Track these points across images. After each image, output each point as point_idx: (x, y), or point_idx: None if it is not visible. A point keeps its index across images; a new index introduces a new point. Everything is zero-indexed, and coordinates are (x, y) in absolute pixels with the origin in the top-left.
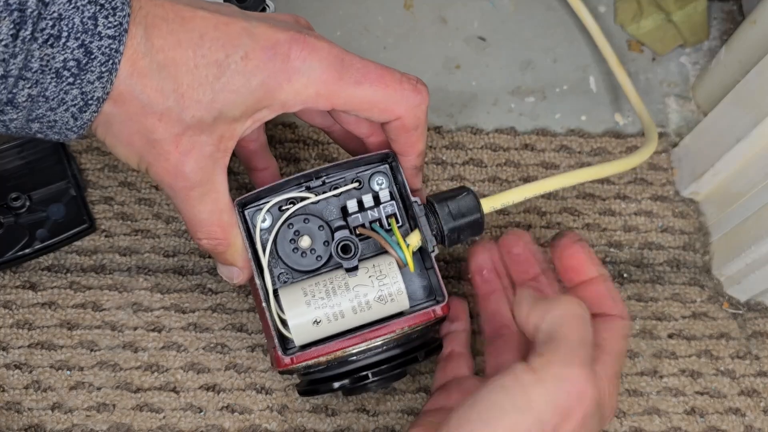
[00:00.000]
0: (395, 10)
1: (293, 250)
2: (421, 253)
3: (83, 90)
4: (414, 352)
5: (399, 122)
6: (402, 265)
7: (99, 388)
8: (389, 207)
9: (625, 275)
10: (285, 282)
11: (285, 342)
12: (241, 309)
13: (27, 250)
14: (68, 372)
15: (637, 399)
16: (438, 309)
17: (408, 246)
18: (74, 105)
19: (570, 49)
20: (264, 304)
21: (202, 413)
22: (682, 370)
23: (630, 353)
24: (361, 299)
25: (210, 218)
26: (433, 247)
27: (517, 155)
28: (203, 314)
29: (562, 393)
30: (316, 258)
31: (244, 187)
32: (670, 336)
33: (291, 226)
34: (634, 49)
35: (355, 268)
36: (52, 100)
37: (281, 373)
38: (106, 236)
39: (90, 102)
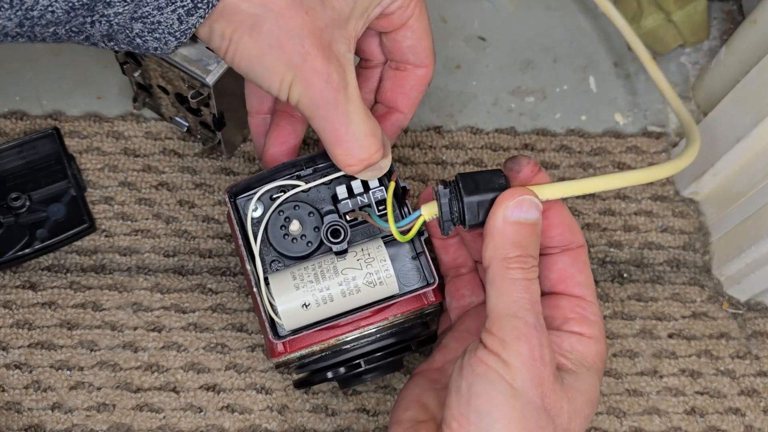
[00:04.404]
0: None
1: (284, 236)
2: (411, 240)
3: None
4: (408, 341)
5: (425, 72)
6: (385, 231)
7: (99, 388)
8: (378, 192)
9: (625, 275)
10: (277, 270)
11: (277, 328)
12: (241, 309)
13: (27, 250)
14: (68, 372)
15: (637, 399)
16: (430, 293)
17: (419, 215)
18: (183, 6)
19: (570, 49)
20: (255, 289)
21: (202, 413)
22: (682, 370)
23: (630, 353)
24: (350, 283)
25: (365, 127)
26: (451, 221)
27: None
28: (203, 314)
29: (527, 365)
30: (307, 243)
31: None
32: (670, 336)
33: (281, 213)
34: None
35: (345, 252)
36: None
37: (278, 367)
38: (106, 236)
39: (199, 5)
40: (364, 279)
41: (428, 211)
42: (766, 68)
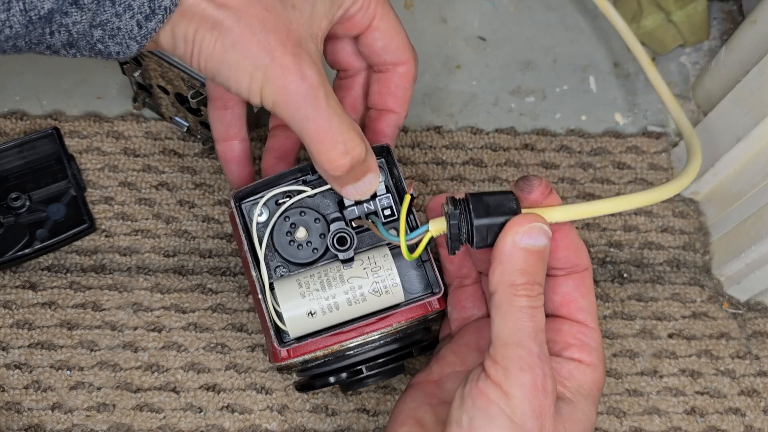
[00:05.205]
0: (395, 9)
1: (290, 242)
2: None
3: None
4: (411, 347)
5: (406, 68)
6: (394, 245)
7: (99, 388)
8: (385, 199)
9: (625, 275)
10: (282, 276)
11: (281, 335)
12: (241, 309)
13: (27, 250)
14: (68, 372)
15: (637, 399)
16: (434, 301)
17: (426, 231)
18: (140, 12)
19: (570, 49)
20: (260, 296)
21: (202, 413)
22: (682, 370)
23: (630, 353)
24: (356, 291)
25: (345, 122)
26: (461, 241)
27: (517, 155)
28: (203, 314)
29: (529, 396)
30: (313, 250)
31: None
32: (670, 336)
33: (287, 219)
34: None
35: (351, 260)
36: (119, 4)
37: (279, 370)
38: (106, 236)
39: (157, 11)
40: (370, 287)
41: (436, 227)
42: (766, 68)
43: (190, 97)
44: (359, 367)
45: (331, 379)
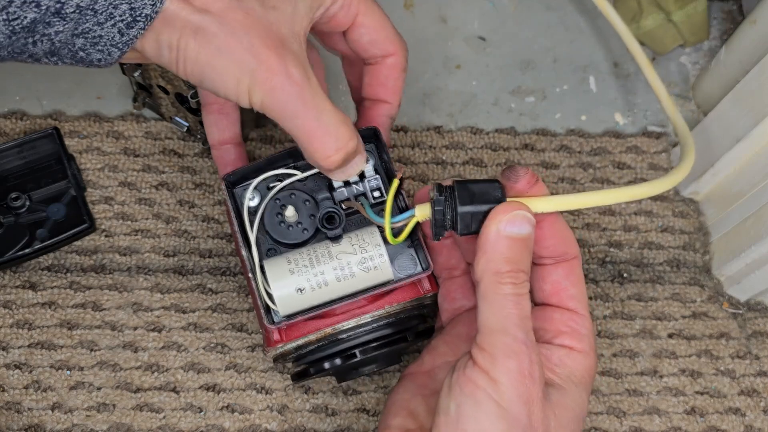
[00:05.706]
0: (395, 10)
1: (280, 223)
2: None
3: (133, 6)
4: (405, 332)
5: (394, 59)
6: (374, 223)
7: (99, 388)
8: (373, 181)
9: (625, 275)
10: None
11: (272, 314)
12: (241, 309)
13: (27, 250)
14: (68, 372)
15: (637, 399)
16: (425, 281)
17: (412, 216)
18: (122, 20)
19: (570, 49)
20: (250, 275)
21: (202, 413)
22: (682, 370)
23: (630, 353)
24: (344, 268)
25: (335, 117)
26: (445, 226)
27: (517, 155)
28: (203, 314)
29: (516, 382)
30: (303, 231)
31: None
32: (670, 336)
33: (277, 201)
34: None
35: (339, 237)
36: (101, 13)
37: (275, 360)
38: (106, 236)
39: (138, 19)
40: (358, 264)
41: (421, 212)
42: (766, 68)
43: (190, 97)
44: (353, 351)
45: (326, 365)
